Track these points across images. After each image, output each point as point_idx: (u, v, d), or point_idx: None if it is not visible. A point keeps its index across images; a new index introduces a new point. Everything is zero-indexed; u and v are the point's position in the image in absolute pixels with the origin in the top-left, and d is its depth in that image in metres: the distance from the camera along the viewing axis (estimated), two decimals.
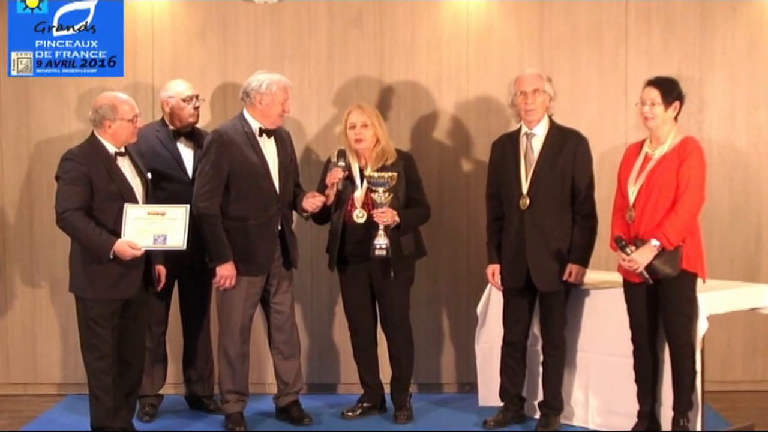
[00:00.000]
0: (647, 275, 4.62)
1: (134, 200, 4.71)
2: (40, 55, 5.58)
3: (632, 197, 4.70)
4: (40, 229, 5.80)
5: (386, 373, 5.40)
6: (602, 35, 5.80)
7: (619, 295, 4.85)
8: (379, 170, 5.10)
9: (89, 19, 5.56)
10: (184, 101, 5.30)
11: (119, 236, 4.62)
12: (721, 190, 5.78)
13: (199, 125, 5.42)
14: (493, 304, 5.29)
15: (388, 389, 5.40)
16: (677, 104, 4.70)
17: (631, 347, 4.82)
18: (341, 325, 5.66)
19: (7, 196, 5.84)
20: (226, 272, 5.01)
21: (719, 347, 5.76)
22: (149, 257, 4.79)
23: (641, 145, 4.81)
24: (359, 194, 5.18)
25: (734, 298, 4.97)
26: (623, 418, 4.91)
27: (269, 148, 5.11)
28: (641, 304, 4.74)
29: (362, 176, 5.17)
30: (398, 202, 5.15)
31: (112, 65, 5.62)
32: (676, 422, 4.71)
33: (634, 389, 4.85)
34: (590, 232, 4.98)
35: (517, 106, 5.01)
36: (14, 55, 5.56)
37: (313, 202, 5.14)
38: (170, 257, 4.92)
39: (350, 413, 5.35)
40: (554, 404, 5.07)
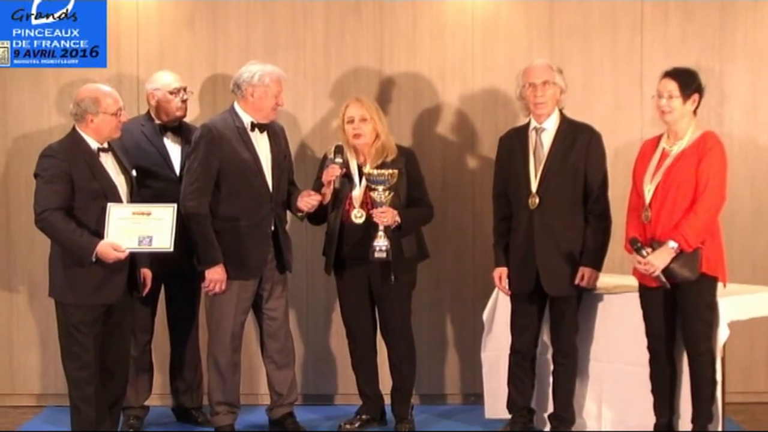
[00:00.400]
0: (664, 279, 4.62)
1: (118, 199, 4.71)
2: (17, 44, 5.58)
3: (648, 196, 4.70)
4: (17, 229, 5.80)
5: (386, 383, 5.40)
6: (616, 24, 5.80)
7: (634, 300, 4.85)
8: (378, 167, 5.11)
9: (70, 6, 5.56)
10: (171, 94, 5.30)
11: (102, 237, 4.62)
12: (742, 188, 5.78)
13: (187, 119, 5.42)
14: (500, 309, 5.30)
15: (388, 400, 5.40)
16: (696, 97, 4.71)
17: (647, 356, 4.82)
18: (338, 332, 5.67)
19: None
20: (215, 276, 5.01)
21: (741, 356, 5.76)
22: (134, 260, 4.79)
23: (658, 140, 4.81)
24: (358, 193, 5.18)
25: (757, 303, 4.97)
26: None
27: (262, 143, 5.11)
28: (658, 309, 4.74)
29: (361, 174, 5.17)
30: (399, 201, 5.15)
31: (94, 55, 5.62)
32: None
33: (650, 400, 4.85)
34: (603, 233, 4.98)
35: (525, 99, 5.02)
36: None
37: (308, 201, 5.14)
38: (156, 260, 4.92)
39: (348, 426, 5.35)
40: (565, 416, 5.08)
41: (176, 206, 4.77)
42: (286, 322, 5.27)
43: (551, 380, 5.11)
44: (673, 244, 4.59)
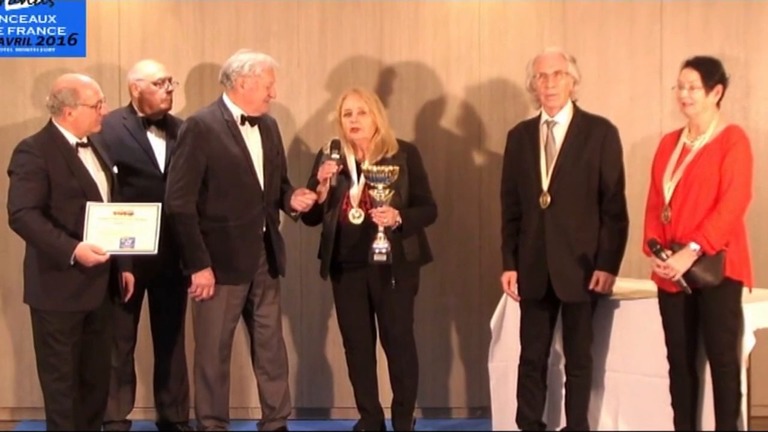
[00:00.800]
0: (685, 284, 4.62)
1: (98, 198, 4.72)
2: None
3: (668, 194, 4.71)
4: None
5: (386, 396, 5.40)
6: (634, 9, 5.80)
7: (653, 306, 4.85)
8: (378, 164, 5.11)
9: None
10: (155, 85, 5.30)
11: (81, 239, 4.62)
12: None
13: (172, 112, 5.42)
14: (509, 316, 5.30)
15: (388, 414, 5.40)
16: (719, 88, 4.71)
17: (666, 366, 4.82)
18: (335, 341, 5.66)
19: None
20: (203, 281, 5.01)
21: (767, 366, 5.75)
22: (115, 263, 4.80)
23: (678, 134, 4.81)
24: (356, 191, 5.18)
25: None
26: None
27: (253, 138, 5.11)
28: (678, 316, 4.74)
29: (359, 170, 5.17)
30: (400, 200, 5.15)
31: (72, 44, 5.62)
32: None
33: (670, 414, 4.85)
34: (620, 234, 4.99)
35: (536, 90, 5.01)
36: None
37: (302, 200, 5.14)
38: (139, 263, 4.92)
39: None
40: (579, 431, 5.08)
41: (160, 206, 4.78)
42: (278, 330, 5.28)
43: (564, 393, 5.11)
44: (694, 246, 4.59)
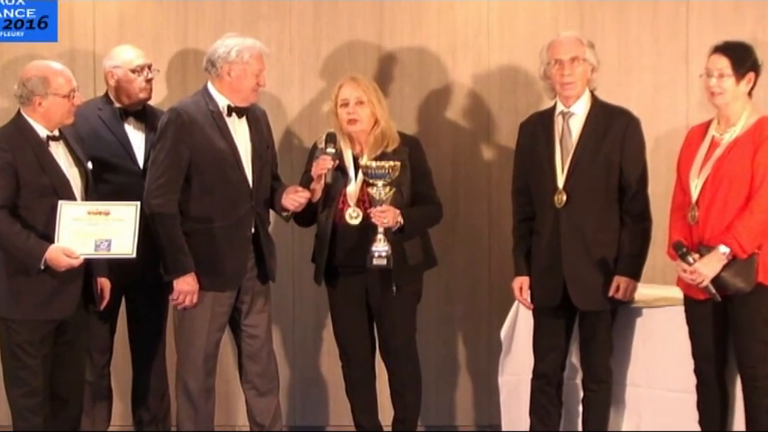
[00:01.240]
0: (714, 290, 4.62)
1: (71, 196, 4.72)
2: None
3: (695, 192, 4.70)
4: None
5: (387, 413, 5.40)
6: None
7: (678, 315, 4.85)
8: (377, 159, 5.11)
9: None
10: (133, 72, 5.30)
11: (52, 241, 4.62)
12: None
13: (152, 102, 5.43)
14: (520, 326, 5.30)
15: None
16: (752, 76, 4.70)
17: (693, 380, 4.83)
18: (331, 352, 5.67)
19: None
20: (186, 287, 5.01)
21: None
22: (90, 268, 4.80)
23: (706, 127, 4.81)
24: (353, 189, 5.18)
25: None
26: None
27: (240, 130, 5.11)
28: (707, 326, 4.74)
29: (357, 166, 5.17)
30: (402, 198, 5.16)
31: (42, 27, 5.62)
32: None
33: None
34: (642, 236, 4.99)
35: (550, 78, 5.01)
36: None
37: (295, 198, 5.14)
38: (116, 268, 4.92)
39: None
40: None
41: (139, 205, 4.78)
42: (268, 340, 5.27)
43: (581, 409, 5.11)
44: (724, 249, 4.59)
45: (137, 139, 5.31)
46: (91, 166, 4.89)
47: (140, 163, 5.26)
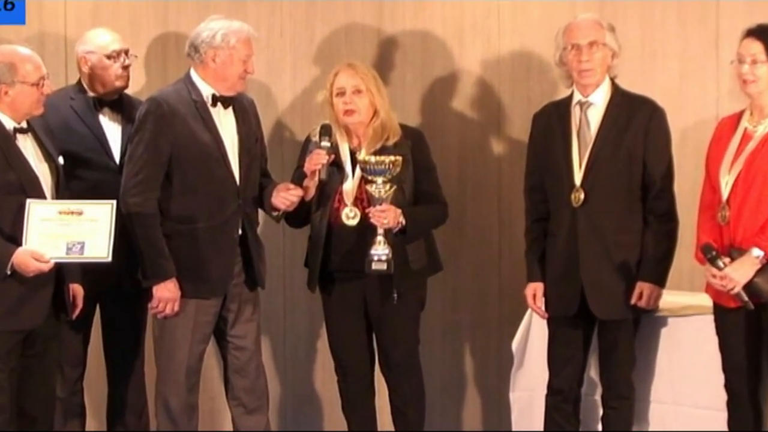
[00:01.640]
0: (746, 298, 4.61)
1: (40, 194, 4.71)
2: None
3: (726, 190, 4.70)
4: None
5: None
6: None
7: (707, 324, 4.85)
8: (377, 153, 5.11)
9: None
10: (108, 58, 5.31)
11: (20, 244, 4.62)
12: None
13: (129, 91, 5.44)
14: (534, 337, 5.32)
15: None
16: None
17: (723, 396, 4.82)
18: (326, 365, 5.68)
19: None
20: (166, 294, 5.02)
21: None
22: (61, 273, 4.79)
23: (738, 118, 4.81)
24: (350, 186, 5.19)
25: None
26: None
27: (226, 122, 5.12)
28: (738, 337, 4.73)
29: (354, 161, 5.18)
30: (403, 196, 5.17)
31: (9, 9, 5.63)
32: None
33: None
34: (668, 238, 5.00)
35: (567, 64, 5.02)
36: None
37: (286, 196, 5.15)
38: (90, 273, 4.92)
39: None
40: None
41: (115, 204, 4.77)
42: (257, 353, 5.28)
43: (600, 428, 5.12)
44: (757, 252, 4.59)
45: (113, 131, 5.32)
46: (62, 161, 4.88)
47: (116, 158, 5.27)
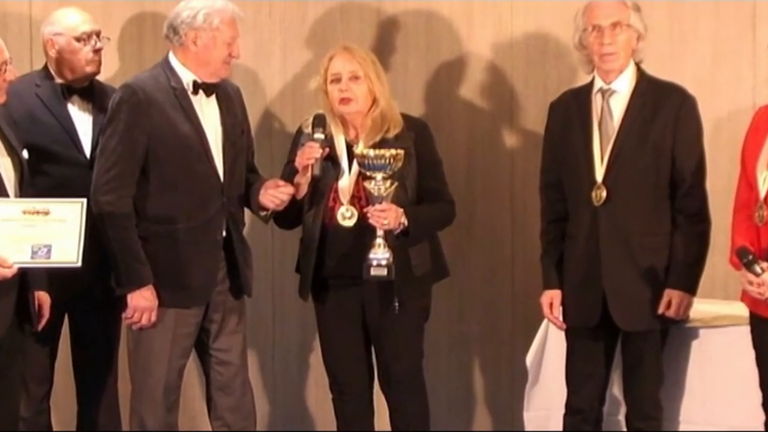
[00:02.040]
0: None
1: (2, 192, 4.70)
2: None
3: (764, 188, 4.69)
4: None
5: None
6: None
7: (743, 337, 4.84)
8: (376, 146, 5.11)
9: None
10: (78, 41, 5.30)
11: None
12: None
13: (101, 78, 5.45)
14: (550, 350, 5.33)
15: None
16: None
17: (762, 416, 4.81)
18: (319, 381, 5.70)
19: None
20: (142, 302, 5.01)
21: None
22: (25, 280, 4.78)
23: None
24: (346, 183, 5.19)
25: None
26: None
27: (209, 112, 5.12)
28: None
29: (351, 155, 5.17)
30: (406, 194, 5.17)
31: None
32: None
33: None
34: (699, 240, 5.00)
35: (587, 48, 5.02)
36: None
37: (276, 194, 5.14)
38: (57, 279, 4.91)
39: None
40: None
41: (86, 202, 4.75)
42: (243, 368, 5.28)
43: None
44: None
45: (83, 122, 5.33)
46: (26, 154, 4.86)
47: (86, 151, 5.28)
